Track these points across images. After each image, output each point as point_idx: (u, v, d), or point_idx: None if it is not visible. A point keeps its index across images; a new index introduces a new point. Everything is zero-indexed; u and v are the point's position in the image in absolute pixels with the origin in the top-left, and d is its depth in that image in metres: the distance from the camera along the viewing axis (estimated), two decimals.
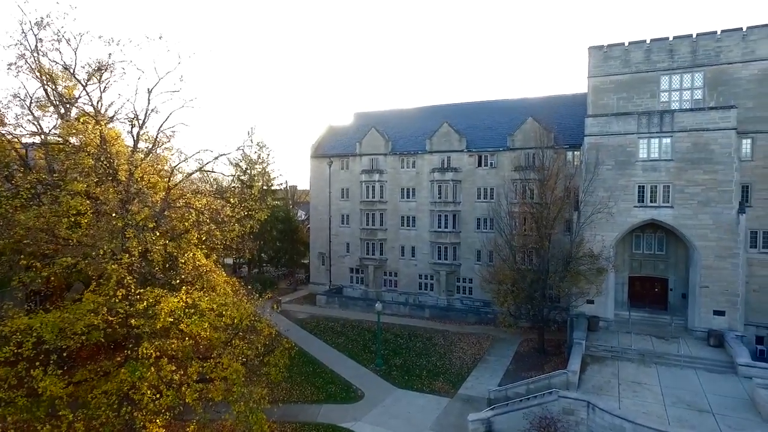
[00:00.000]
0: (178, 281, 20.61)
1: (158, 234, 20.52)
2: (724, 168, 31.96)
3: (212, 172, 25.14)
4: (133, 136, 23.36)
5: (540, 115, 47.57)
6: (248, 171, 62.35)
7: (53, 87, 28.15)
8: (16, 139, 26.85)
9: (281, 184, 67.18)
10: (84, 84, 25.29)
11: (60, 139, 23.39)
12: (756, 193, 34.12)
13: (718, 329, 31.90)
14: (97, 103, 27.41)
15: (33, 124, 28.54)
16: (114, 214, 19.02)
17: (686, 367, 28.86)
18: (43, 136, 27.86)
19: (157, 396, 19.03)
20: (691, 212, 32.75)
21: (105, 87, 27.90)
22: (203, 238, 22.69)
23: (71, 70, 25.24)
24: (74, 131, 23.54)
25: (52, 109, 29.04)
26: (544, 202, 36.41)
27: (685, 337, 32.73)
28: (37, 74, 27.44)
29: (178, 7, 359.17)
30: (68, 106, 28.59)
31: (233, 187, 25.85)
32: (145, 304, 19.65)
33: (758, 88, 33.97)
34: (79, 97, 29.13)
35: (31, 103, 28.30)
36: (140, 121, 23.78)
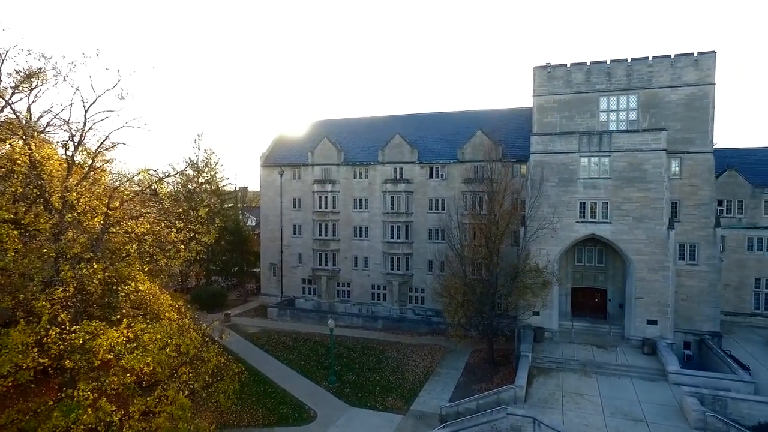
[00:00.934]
0: (118, 316, 19.50)
1: (95, 265, 19.33)
2: (656, 186, 34.21)
3: (155, 195, 23.94)
4: (67, 158, 21.88)
5: (489, 128, 49.02)
6: (195, 179, 60.27)
7: None
8: None
9: (231, 193, 65.35)
10: (8, 99, 23.39)
11: None
12: (684, 208, 36.70)
13: (651, 338, 34.07)
14: (25, 117, 25.44)
15: None
16: (45, 249, 17.73)
17: (623, 376, 30.62)
18: None
19: None
20: (627, 228, 34.80)
21: (35, 96, 26.00)
22: (146, 269, 21.62)
23: None
24: None
25: None
26: (492, 216, 37.43)
27: (622, 346, 34.75)
28: None
29: (128, 11, 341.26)
30: None
31: (178, 194, 24.56)
32: (81, 340, 18.50)
33: (685, 112, 36.57)
34: (5, 106, 26.98)
35: None
36: (75, 142, 22.34)
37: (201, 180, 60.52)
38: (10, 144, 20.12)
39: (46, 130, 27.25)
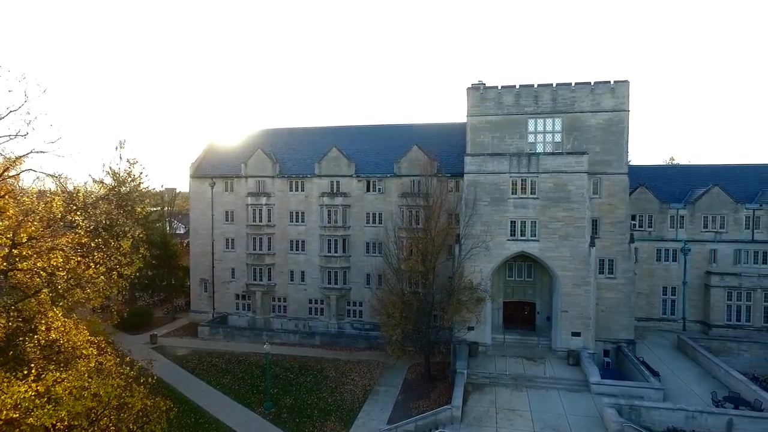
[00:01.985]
0: (25, 371, 17.58)
1: None
2: (579, 206, 36.51)
3: (71, 227, 21.82)
4: None
5: (425, 142, 49.89)
6: (117, 188, 56.13)
7: None
8: None
9: (157, 207, 61.54)
10: None
11: None
12: (603, 226, 39.43)
13: (575, 349, 36.29)
14: None
15: None
16: None
17: (551, 389, 32.32)
18: None
19: None
20: (554, 245, 36.82)
21: None
22: (59, 313, 19.71)
23: None
24: None
25: None
26: (428, 234, 38.12)
27: (550, 357, 36.71)
28: None
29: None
30: None
31: (98, 221, 22.22)
32: None
33: (603, 136, 39.31)
34: None
35: None
36: None
37: (124, 190, 56.44)
38: None
39: None
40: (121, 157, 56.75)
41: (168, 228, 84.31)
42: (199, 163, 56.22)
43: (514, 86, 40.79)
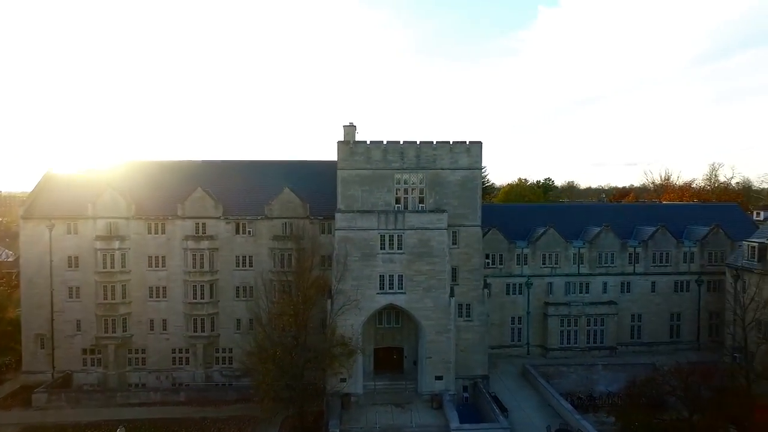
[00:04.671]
0: None
1: None
2: (440, 260, 39.71)
3: None
4: None
5: (297, 182, 49.75)
6: None
7: None
8: None
9: None
10: None
11: None
12: (461, 273, 43.30)
13: (438, 392, 39.46)
14: None
15: None
16: None
17: None
18: None
19: None
20: (419, 297, 39.56)
21: None
22: None
23: None
24: None
25: None
26: (300, 292, 38.14)
27: (416, 402, 39.45)
28: None
29: None
30: None
31: None
32: None
33: (461, 191, 43.19)
34: None
35: None
36: None
37: None
38: None
39: None
40: None
41: None
42: (33, 201, 48.62)
43: (382, 142, 42.74)
